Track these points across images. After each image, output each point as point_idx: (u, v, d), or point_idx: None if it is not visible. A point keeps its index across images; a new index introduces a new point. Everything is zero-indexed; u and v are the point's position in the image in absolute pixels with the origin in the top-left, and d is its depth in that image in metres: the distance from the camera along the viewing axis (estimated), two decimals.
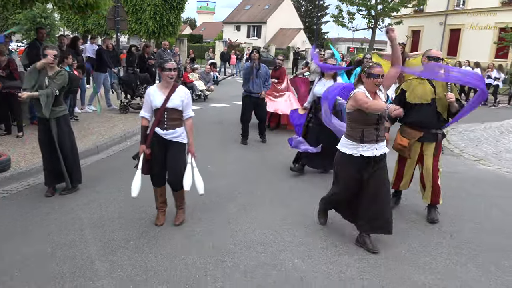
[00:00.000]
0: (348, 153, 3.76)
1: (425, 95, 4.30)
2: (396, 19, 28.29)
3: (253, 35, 49.64)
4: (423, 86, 4.35)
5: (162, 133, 3.95)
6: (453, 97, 4.21)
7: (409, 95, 4.39)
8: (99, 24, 28.27)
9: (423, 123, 4.33)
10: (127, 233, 3.96)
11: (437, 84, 4.33)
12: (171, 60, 3.94)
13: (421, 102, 4.30)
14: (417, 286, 3.27)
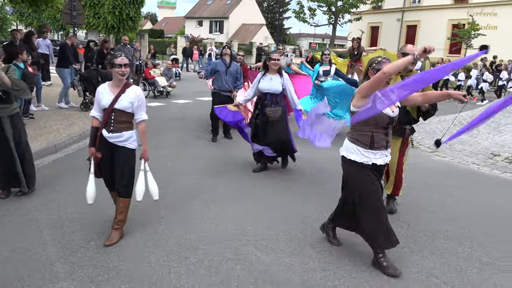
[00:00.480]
0: (358, 161, 3.38)
1: None
2: (355, 15, 28.93)
3: (215, 31, 49.35)
4: (395, 82, 4.25)
5: (107, 135, 3.66)
6: None
7: None
8: (55, 18, 27.29)
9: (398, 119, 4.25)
10: (87, 233, 3.87)
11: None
12: (121, 55, 3.65)
13: None
14: (375, 275, 3.38)
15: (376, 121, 3.31)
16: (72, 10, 12.22)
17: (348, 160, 3.45)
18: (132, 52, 12.74)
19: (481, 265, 3.60)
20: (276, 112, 5.70)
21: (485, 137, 7.85)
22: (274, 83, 5.66)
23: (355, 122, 3.37)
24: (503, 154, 7.00)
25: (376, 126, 3.34)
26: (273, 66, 5.66)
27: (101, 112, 3.73)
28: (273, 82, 5.66)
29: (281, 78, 5.69)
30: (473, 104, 14.69)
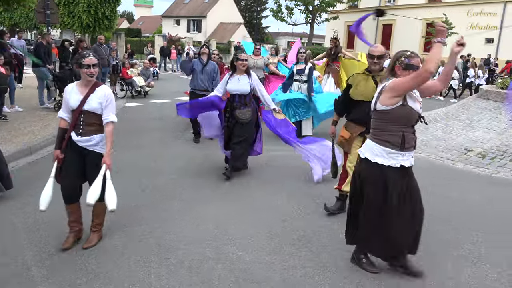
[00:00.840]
0: (386, 164, 3.12)
1: (367, 92, 4.07)
2: (332, 14, 29.22)
3: (193, 30, 49.02)
4: (366, 83, 4.18)
5: (76, 139, 3.47)
6: None
7: (352, 91, 4.25)
8: (28, 17, 26.64)
9: (364, 119, 3.98)
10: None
11: (380, 80, 4.18)
12: (89, 55, 3.44)
13: (362, 99, 4.14)
14: (356, 269, 3.44)
15: (409, 119, 3.10)
16: (45, 9, 11.92)
17: (373, 164, 3.16)
18: (109, 52, 12.57)
19: (455, 258, 3.71)
20: (246, 114, 5.53)
21: (458, 133, 8.06)
22: (241, 83, 5.51)
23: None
24: (476, 150, 7.20)
25: (407, 125, 3.11)
26: (241, 67, 5.53)
27: (69, 113, 3.56)
28: (240, 83, 5.51)
29: (249, 78, 5.54)
30: (446, 102, 15.06)
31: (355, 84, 4.25)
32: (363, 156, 3.25)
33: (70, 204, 3.60)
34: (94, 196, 3.41)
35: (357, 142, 4.24)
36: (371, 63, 4.15)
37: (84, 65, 3.42)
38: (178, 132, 8.37)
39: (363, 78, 4.24)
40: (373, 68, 4.16)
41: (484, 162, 6.75)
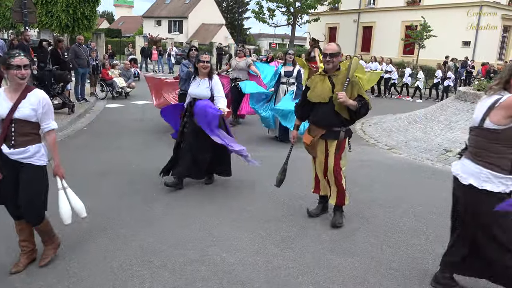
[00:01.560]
0: (495, 190, 2.72)
1: (323, 94, 4.03)
2: (313, 16, 29.41)
3: (174, 30, 48.75)
4: (322, 84, 4.08)
5: (8, 152, 3.01)
6: (343, 97, 3.84)
7: (310, 93, 4.15)
8: (5, 17, 26.05)
9: (323, 122, 4.08)
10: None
11: (337, 81, 4.02)
12: (19, 54, 2.98)
13: (319, 101, 4.05)
14: (338, 270, 3.48)
15: None
16: (22, 8, 11.68)
17: (481, 191, 2.76)
18: (88, 52, 12.39)
19: (436, 255, 3.77)
20: None
21: (437, 134, 8.22)
22: (201, 88, 5.06)
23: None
24: (454, 150, 7.35)
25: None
26: (202, 69, 5.05)
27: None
28: (200, 87, 5.07)
29: (210, 82, 5.08)
30: (421, 103, 15.33)
31: (312, 86, 4.15)
32: (466, 182, 2.84)
33: (18, 220, 3.27)
34: (67, 214, 3.30)
35: (320, 146, 4.18)
36: (324, 61, 4.04)
37: (13, 66, 2.95)
38: (159, 133, 8.30)
39: (320, 79, 4.14)
40: (327, 67, 4.03)
41: None
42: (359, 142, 8.53)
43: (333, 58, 3.97)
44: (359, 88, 4.00)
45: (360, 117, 4.09)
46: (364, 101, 3.98)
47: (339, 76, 4.02)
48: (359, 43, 33.51)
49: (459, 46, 26.92)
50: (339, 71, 4.05)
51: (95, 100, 12.24)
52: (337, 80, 4.00)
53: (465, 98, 9.05)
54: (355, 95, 3.96)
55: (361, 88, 4.02)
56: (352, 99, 3.93)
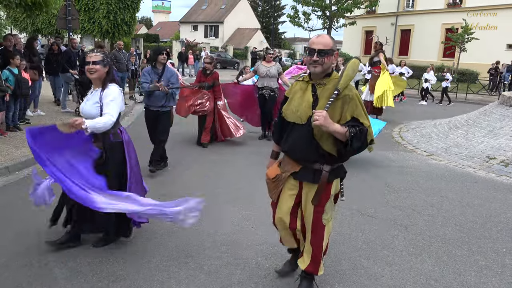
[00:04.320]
0: None
1: (300, 110, 2.72)
2: (350, 19, 29.09)
3: (210, 35, 49.47)
4: (302, 96, 2.78)
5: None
6: (321, 118, 2.48)
7: (285, 107, 2.88)
8: (50, 23, 27.22)
9: (296, 153, 2.79)
10: (84, 239, 3.85)
11: (323, 93, 2.69)
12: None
13: (293, 120, 2.77)
14: (376, 278, 3.40)
15: None
16: (67, 15, 12.18)
17: None
18: (128, 57, 12.76)
19: (479, 268, 3.63)
20: None
21: (480, 141, 7.91)
22: (89, 104, 3.49)
23: None
24: (498, 157, 7.05)
25: None
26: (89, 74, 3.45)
27: None
28: (88, 103, 3.51)
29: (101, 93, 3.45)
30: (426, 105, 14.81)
31: (290, 97, 2.88)
32: None
33: None
34: None
35: (289, 188, 2.91)
36: (309, 62, 2.69)
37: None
38: (195, 136, 8.40)
39: (300, 87, 2.83)
40: (313, 70, 2.68)
41: (507, 170, 6.60)
42: (397, 148, 8.34)
43: (323, 58, 2.62)
44: (355, 106, 2.64)
45: (353, 153, 2.68)
46: (361, 128, 2.58)
47: (328, 85, 2.70)
48: (396, 47, 32.83)
49: (504, 49, 25.88)
50: (329, 78, 2.73)
51: (134, 104, 12.57)
52: (323, 92, 2.70)
53: (510, 103, 8.67)
54: (347, 118, 2.62)
55: (358, 107, 2.64)
56: (341, 122, 2.61)
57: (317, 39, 2.65)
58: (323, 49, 2.60)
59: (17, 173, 5.78)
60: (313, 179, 2.76)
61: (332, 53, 2.64)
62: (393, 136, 9.44)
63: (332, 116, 2.56)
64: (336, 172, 2.80)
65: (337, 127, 2.54)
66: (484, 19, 26.46)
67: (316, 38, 2.66)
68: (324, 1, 27.85)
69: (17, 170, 5.83)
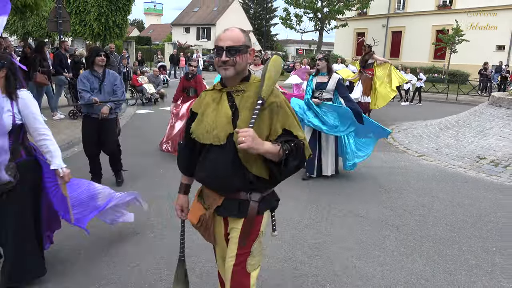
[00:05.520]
0: None
1: (217, 128, 2.09)
2: (341, 21, 29.24)
3: (203, 37, 49.44)
4: (216, 109, 2.14)
5: None
6: (250, 140, 1.89)
7: (195, 126, 2.19)
8: (40, 26, 27.05)
9: (217, 181, 2.15)
10: (76, 243, 3.82)
11: (244, 103, 2.09)
12: None
13: (209, 142, 2.10)
14: (367, 278, 3.41)
15: None
16: (57, 18, 12.12)
17: None
18: (120, 60, 12.72)
19: (469, 267, 3.65)
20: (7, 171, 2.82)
21: (470, 141, 7.97)
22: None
23: None
24: (488, 157, 7.11)
25: None
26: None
27: None
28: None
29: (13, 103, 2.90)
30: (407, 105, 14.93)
31: (200, 112, 2.19)
32: None
33: None
34: None
35: (218, 226, 2.31)
36: (217, 64, 2.07)
37: None
38: None
39: (212, 98, 2.18)
40: (224, 74, 2.06)
41: (497, 170, 6.67)
42: (389, 148, 8.38)
43: (235, 57, 2.03)
44: (285, 116, 2.09)
45: (290, 174, 2.13)
46: (296, 142, 2.05)
47: (247, 92, 2.10)
48: (388, 48, 33.04)
49: (493, 50, 26.16)
50: (247, 83, 2.13)
51: (126, 106, 12.52)
52: (243, 101, 2.09)
53: (500, 103, 8.76)
54: (278, 131, 2.07)
55: (289, 117, 2.11)
56: (272, 138, 2.06)
57: (225, 34, 2.07)
58: (233, 46, 2.03)
59: None
60: (239, 212, 2.15)
61: (245, 50, 2.08)
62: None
63: (259, 131, 2.00)
64: (267, 201, 2.21)
65: (268, 146, 1.98)
66: (474, 19, 26.71)
67: (224, 33, 2.08)
68: (315, 3, 27.96)
69: None
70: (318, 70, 6.00)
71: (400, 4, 32.57)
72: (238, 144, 1.90)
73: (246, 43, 2.09)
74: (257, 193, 2.15)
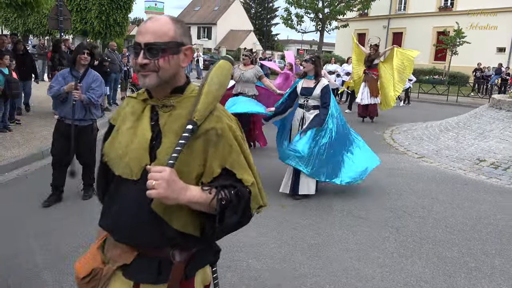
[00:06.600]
0: None
1: (131, 155, 1.46)
2: (342, 22, 29.24)
3: (203, 37, 49.44)
4: (134, 126, 1.51)
5: None
6: (164, 185, 1.27)
7: (108, 146, 1.56)
8: (41, 23, 27.00)
9: (124, 231, 1.47)
10: (75, 240, 3.82)
11: (170, 124, 1.45)
12: None
13: (119, 174, 1.48)
14: (367, 280, 3.41)
15: None
16: (58, 16, 12.09)
17: None
18: (120, 58, 12.70)
19: (469, 270, 3.65)
20: None
21: (470, 143, 7.97)
22: None
23: None
24: (488, 160, 7.11)
25: None
26: None
27: None
28: None
29: None
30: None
31: (116, 126, 1.59)
32: None
33: None
34: None
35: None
36: (135, 66, 1.44)
37: None
38: None
39: (132, 110, 1.58)
40: (143, 83, 1.44)
41: (497, 173, 6.67)
42: (389, 150, 8.38)
43: (157, 59, 1.39)
44: (227, 150, 1.45)
45: (227, 232, 1.57)
46: (238, 190, 1.44)
47: (179, 110, 1.47)
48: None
49: (494, 52, 26.17)
50: (180, 96, 1.50)
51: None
52: (170, 122, 1.47)
53: (500, 106, 8.76)
54: (214, 171, 1.44)
55: (233, 151, 1.47)
56: (205, 179, 1.44)
57: (145, 25, 1.43)
58: (156, 43, 1.37)
59: (6, 174, 5.71)
60: (157, 277, 1.47)
61: (175, 49, 1.41)
62: (384, 138, 9.49)
63: (187, 169, 1.40)
64: (200, 259, 1.57)
65: (193, 194, 1.35)
66: (475, 19, 26.71)
67: (145, 24, 1.44)
68: (316, 4, 27.96)
69: (6, 171, 5.77)
70: (307, 73, 5.27)
71: (402, 6, 32.59)
72: (147, 189, 1.27)
73: (176, 39, 1.41)
74: (183, 251, 1.48)
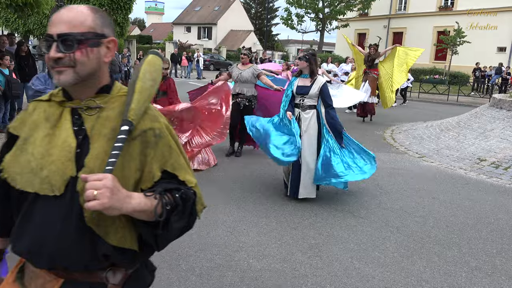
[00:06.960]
0: None
1: (50, 168, 1.22)
2: (342, 22, 29.26)
3: (204, 37, 49.47)
4: (51, 134, 1.27)
5: None
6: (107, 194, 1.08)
7: (11, 160, 1.28)
8: (41, 24, 27.03)
9: (45, 255, 1.23)
10: None
11: (99, 127, 1.27)
12: None
13: (35, 191, 1.22)
14: (367, 279, 3.40)
15: None
16: None
17: None
18: (120, 59, 12.73)
19: (470, 269, 3.65)
20: None
21: (471, 142, 7.97)
22: None
23: None
24: (489, 159, 7.11)
25: None
26: None
27: None
28: None
29: None
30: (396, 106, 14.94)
31: (23, 136, 1.30)
32: None
33: None
34: None
35: None
36: (48, 61, 1.21)
37: None
38: None
39: (46, 116, 1.31)
40: (57, 80, 1.22)
41: (497, 172, 6.66)
42: (389, 149, 8.38)
43: (72, 52, 1.19)
44: (167, 151, 1.33)
45: (172, 239, 1.36)
46: (183, 192, 1.30)
47: (107, 111, 1.30)
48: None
49: (494, 52, 26.16)
50: (107, 96, 1.33)
51: None
52: (98, 126, 1.28)
53: (501, 105, 8.75)
54: (155, 175, 1.29)
55: (173, 151, 1.34)
56: (143, 185, 1.29)
57: (59, 15, 1.23)
58: (70, 34, 1.19)
59: None
60: None
61: (95, 40, 1.24)
62: (385, 137, 9.49)
63: (125, 175, 1.25)
64: (137, 281, 1.42)
65: (137, 202, 1.19)
66: (475, 19, 26.70)
67: (58, 13, 1.24)
68: (317, 4, 27.97)
69: None
70: (302, 71, 5.09)
71: (402, 5, 32.60)
72: (86, 200, 1.10)
73: (96, 30, 1.24)
74: (118, 272, 1.33)
